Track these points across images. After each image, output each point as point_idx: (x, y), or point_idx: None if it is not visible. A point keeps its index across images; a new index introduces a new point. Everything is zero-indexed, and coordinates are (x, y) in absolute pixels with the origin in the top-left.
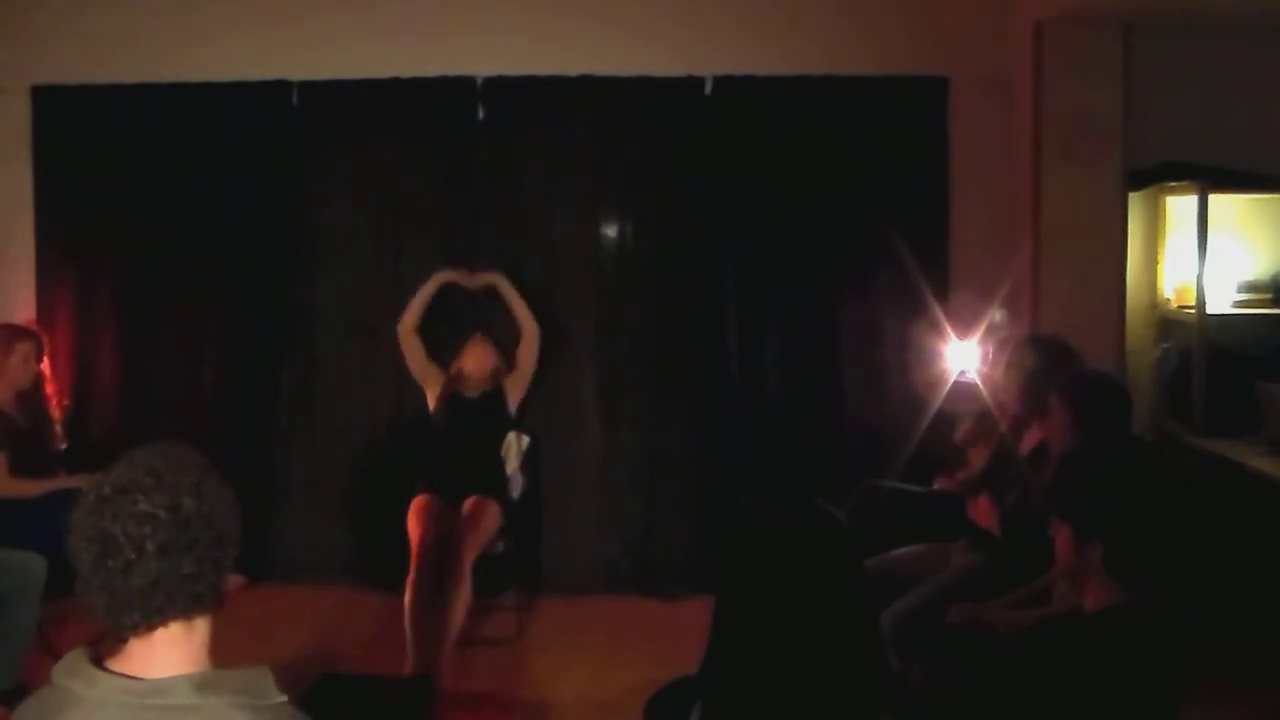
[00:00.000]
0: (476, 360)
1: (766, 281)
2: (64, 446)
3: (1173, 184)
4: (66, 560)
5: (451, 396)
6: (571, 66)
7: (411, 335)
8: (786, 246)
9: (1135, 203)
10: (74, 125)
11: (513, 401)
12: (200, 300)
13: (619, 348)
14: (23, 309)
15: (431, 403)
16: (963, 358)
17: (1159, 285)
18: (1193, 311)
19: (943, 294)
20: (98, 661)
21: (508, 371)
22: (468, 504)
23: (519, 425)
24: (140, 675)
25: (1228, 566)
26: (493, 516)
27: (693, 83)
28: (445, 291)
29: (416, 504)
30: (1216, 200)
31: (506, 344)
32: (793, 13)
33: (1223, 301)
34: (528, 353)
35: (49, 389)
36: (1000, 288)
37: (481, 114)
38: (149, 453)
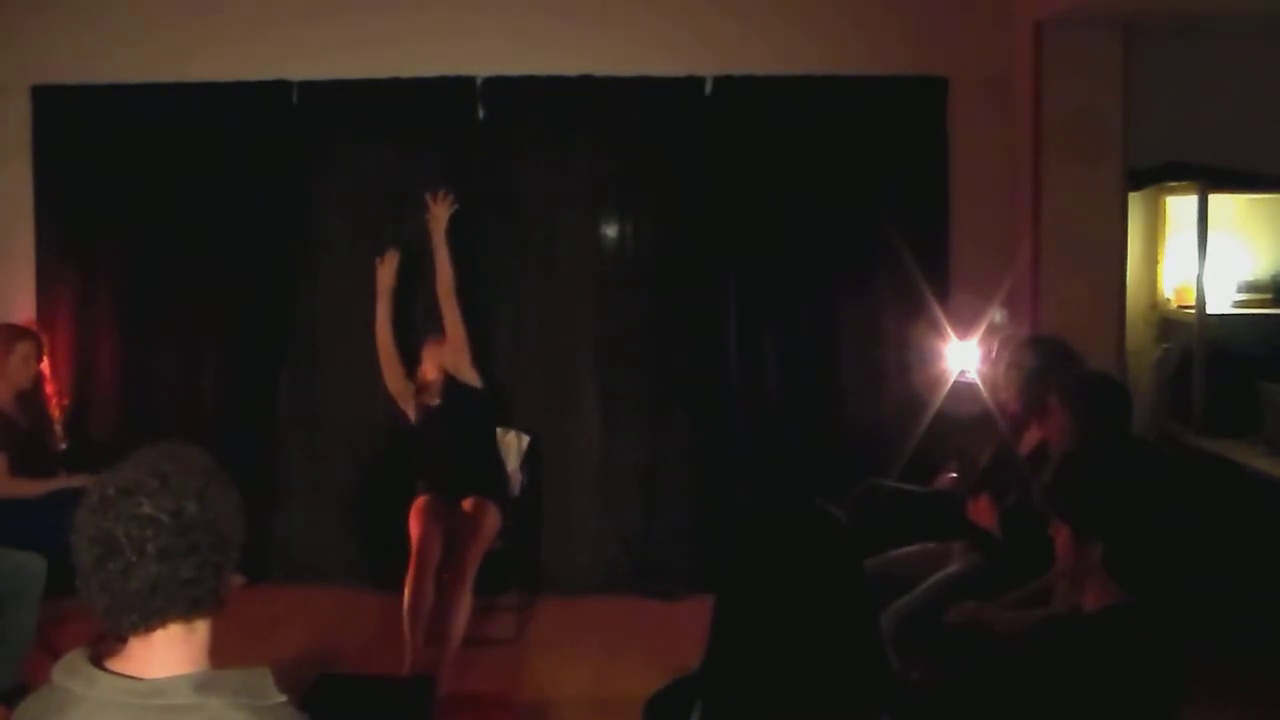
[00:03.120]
0: (432, 361)
1: (766, 281)
2: (64, 446)
3: (1173, 184)
4: (66, 560)
5: (423, 409)
6: (571, 67)
7: (390, 353)
8: (786, 246)
9: (1135, 203)
10: (74, 125)
11: (467, 373)
12: (200, 300)
13: (619, 347)
14: (23, 309)
15: (411, 415)
16: (963, 358)
17: (1159, 285)
18: (1193, 311)
19: (943, 294)
20: (97, 661)
21: (445, 351)
22: (467, 505)
23: (518, 423)
24: (140, 675)
25: (1228, 567)
26: (492, 520)
27: (693, 83)
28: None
29: (417, 505)
30: (1216, 200)
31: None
32: (793, 13)
33: (1223, 301)
34: (446, 303)
35: (49, 389)
36: (1000, 288)
37: (481, 114)
38: (156, 453)
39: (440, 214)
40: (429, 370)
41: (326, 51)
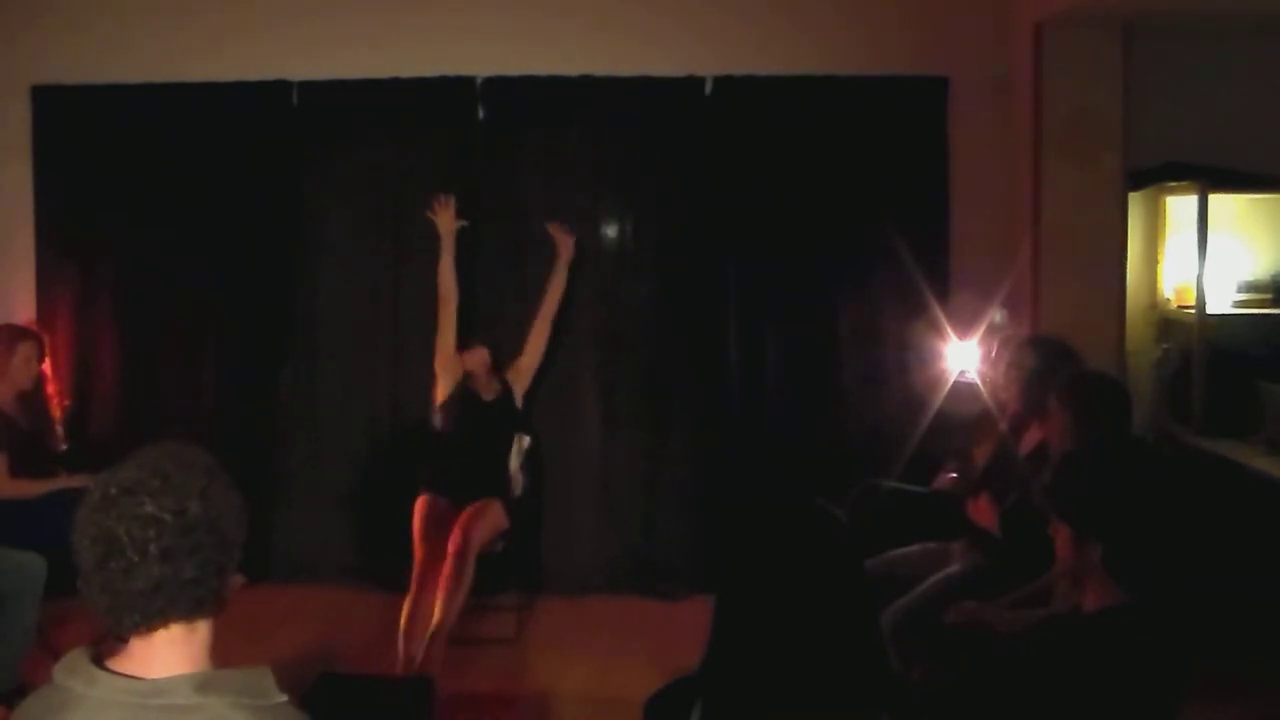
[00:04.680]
0: (475, 362)
1: (766, 281)
2: (64, 447)
3: (1173, 184)
4: (66, 560)
5: (465, 395)
6: (571, 67)
7: (451, 305)
8: (786, 246)
9: (1135, 203)
10: (74, 125)
11: (519, 394)
12: (200, 300)
13: (619, 348)
14: (23, 309)
15: (441, 395)
16: (963, 358)
17: (1159, 285)
18: (1193, 311)
19: (943, 294)
20: (98, 661)
21: (510, 363)
22: (473, 506)
23: (525, 425)
24: (141, 675)
25: (1228, 567)
26: (497, 513)
27: (693, 83)
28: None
29: (420, 507)
30: (1216, 200)
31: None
32: (793, 13)
33: (1223, 301)
34: (544, 327)
35: (50, 389)
36: (1000, 288)
37: (481, 114)
38: (158, 453)
39: (565, 249)
40: (471, 364)
41: (326, 51)
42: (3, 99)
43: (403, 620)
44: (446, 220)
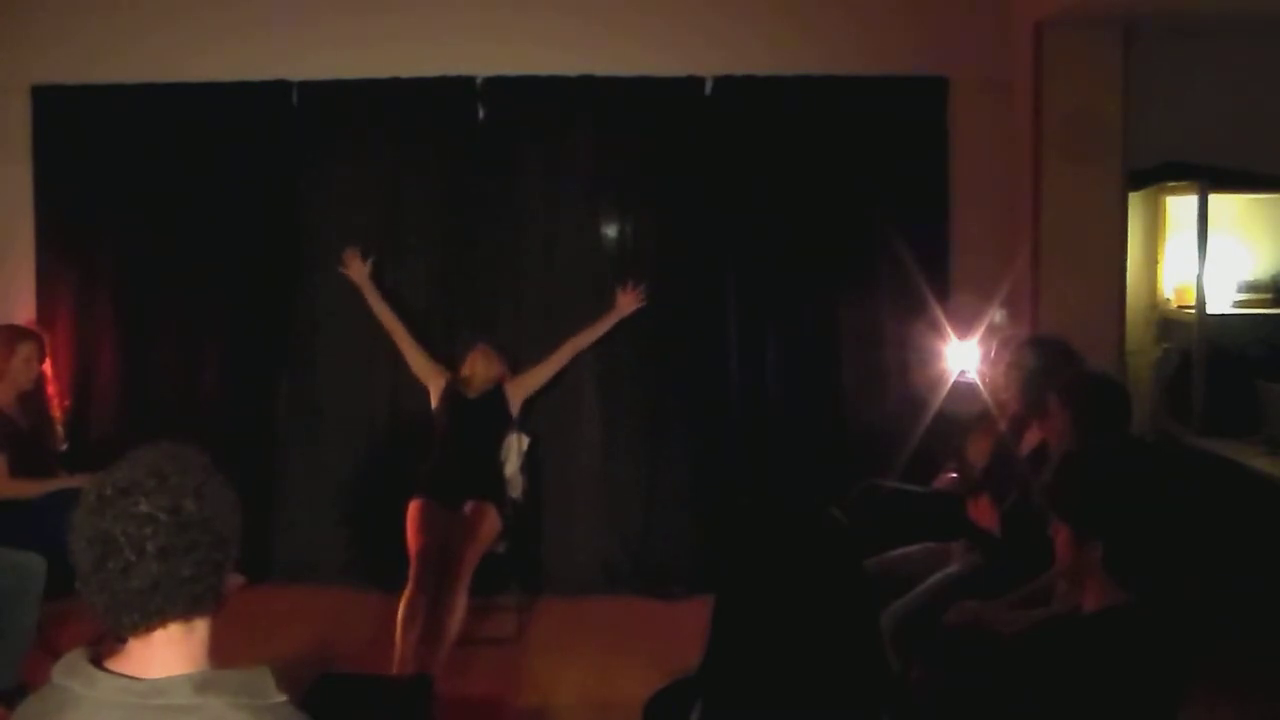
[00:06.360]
0: (475, 367)
1: (766, 281)
2: (64, 447)
3: (1173, 184)
4: (66, 560)
5: (452, 396)
6: (571, 67)
7: (404, 336)
8: (786, 246)
9: (1135, 203)
10: (74, 125)
11: (514, 404)
12: (200, 300)
13: (619, 348)
14: (23, 309)
15: (434, 401)
16: (963, 358)
17: (1159, 285)
18: (1193, 311)
19: (943, 294)
20: (97, 661)
21: (510, 376)
22: (466, 509)
23: (520, 425)
24: (140, 675)
25: (1228, 566)
26: (491, 523)
27: (693, 83)
28: (450, 298)
29: (413, 511)
30: (1216, 200)
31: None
32: (793, 13)
33: (1223, 301)
34: (565, 356)
35: (50, 389)
36: (1000, 288)
37: (481, 114)
38: (152, 453)
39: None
40: (470, 369)
41: (326, 51)
42: (3, 99)
43: (398, 620)
44: (357, 270)
